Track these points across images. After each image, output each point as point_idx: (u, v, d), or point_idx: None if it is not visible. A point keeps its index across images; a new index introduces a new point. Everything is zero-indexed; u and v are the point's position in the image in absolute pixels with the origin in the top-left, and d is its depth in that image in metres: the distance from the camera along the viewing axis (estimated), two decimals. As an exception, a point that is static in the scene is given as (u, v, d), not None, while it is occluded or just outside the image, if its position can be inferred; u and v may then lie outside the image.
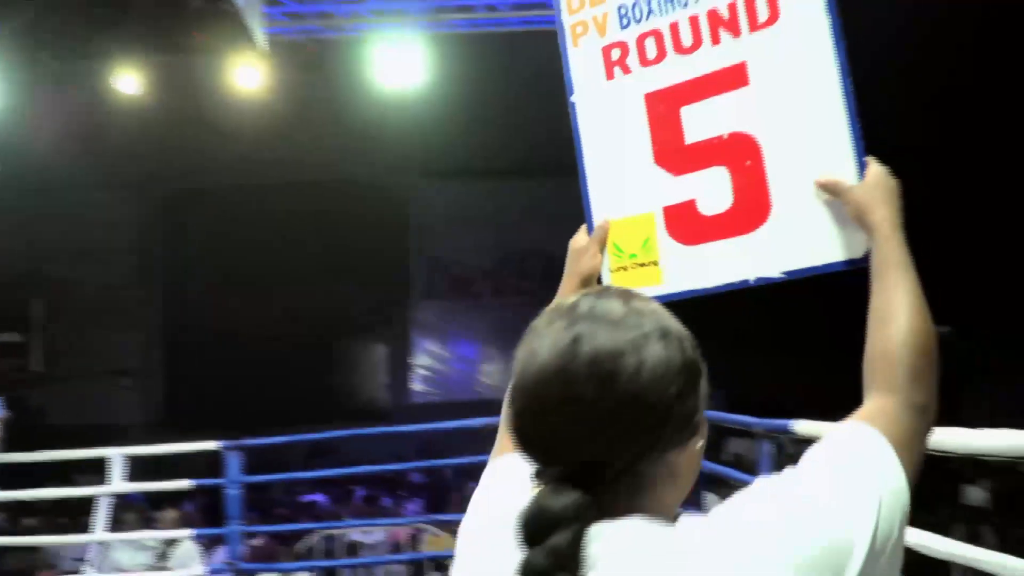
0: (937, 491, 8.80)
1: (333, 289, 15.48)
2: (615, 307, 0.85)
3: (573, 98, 1.41)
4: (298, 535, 7.70)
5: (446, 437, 9.43)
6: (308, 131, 12.77)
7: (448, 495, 10.40)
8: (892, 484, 0.83)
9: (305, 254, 14.98)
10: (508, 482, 0.98)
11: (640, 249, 1.33)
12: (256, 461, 6.98)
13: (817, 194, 1.17)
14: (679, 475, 0.84)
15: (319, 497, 10.87)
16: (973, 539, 6.88)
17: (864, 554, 0.77)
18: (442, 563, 7.57)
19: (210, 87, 9.80)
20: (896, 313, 0.94)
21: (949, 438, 1.96)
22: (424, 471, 12.05)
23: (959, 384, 11.33)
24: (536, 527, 0.76)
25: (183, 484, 5.38)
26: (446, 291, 16.92)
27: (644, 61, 1.34)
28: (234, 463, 5.31)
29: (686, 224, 1.30)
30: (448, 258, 16.79)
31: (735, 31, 1.26)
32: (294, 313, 14.98)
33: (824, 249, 1.17)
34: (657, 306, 0.87)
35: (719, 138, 1.27)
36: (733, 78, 1.26)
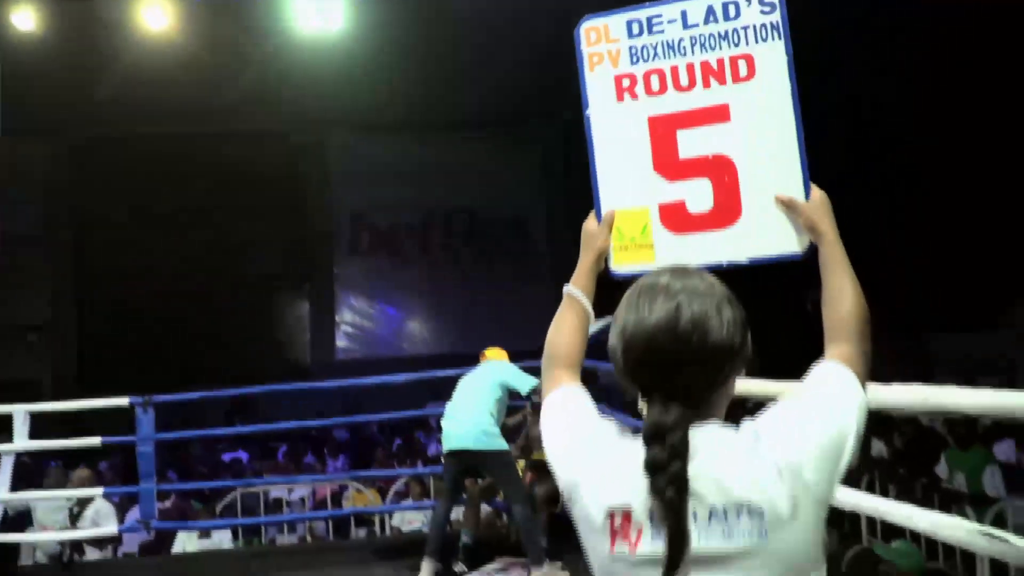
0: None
1: (252, 244, 15.18)
2: (697, 283, 1.24)
3: (588, 112, 1.82)
4: (220, 493, 7.62)
5: (371, 394, 9.46)
6: (223, 78, 12.08)
7: (372, 452, 10.42)
8: (861, 400, 1.27)
9: (222, 207, 14.60)
10: (577, 407, 1.38)
11: (639, 235, 1.75)
12: (175, 419, 6.88)
13: (775, 205, 1.67)
14: (730, 395, 1.27)
15: (241, 455, 10.77)
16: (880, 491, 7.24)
17: (853, 443, 1.21)
18: (365, 519, 7.63)
19: (118, 27, 9.34)
20: (845, 294, 1.40)
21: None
22: (348, 428, 12.03)
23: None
24: (655, 432, 1.15)
25: (92, 442, 5.25)
26: (371, 247, 16.75)
27: (649, 91, 1.80)
28: (146, 420, 5.20)
29: (676, 218, 1.75)
30: (372, 213, 16.60)
31: (722, 80, 1.76)
32: (211, 268, 14.63)
33: (777, 244, 1.67)
34: (718, 280, 1.28)
35: (705, 157, 1.74)
36: (718, 114, 1.75)
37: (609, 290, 1.61)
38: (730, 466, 1.16)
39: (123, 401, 5.24)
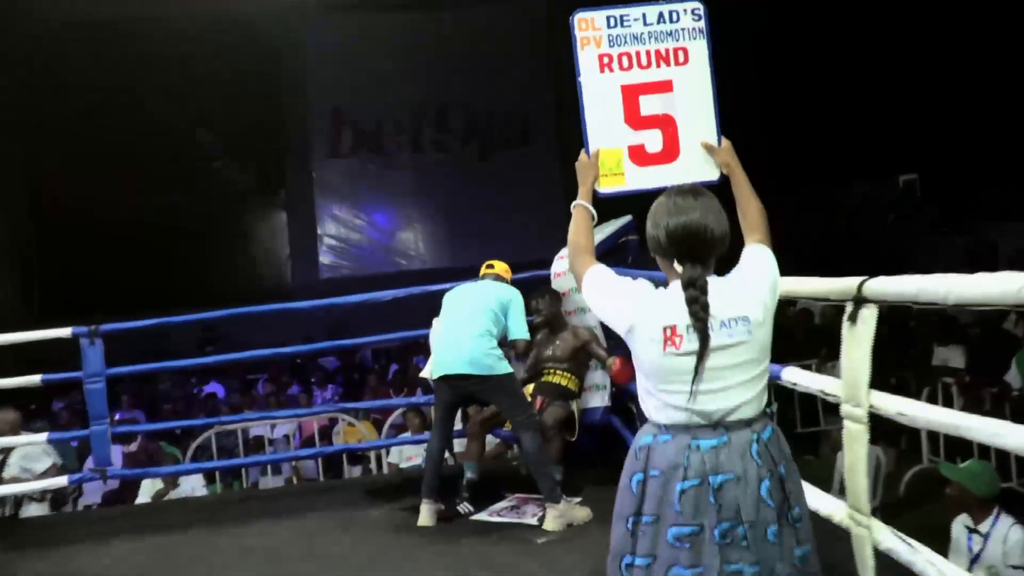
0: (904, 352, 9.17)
1: (218, 149, 14.98)
2: (707, 199, 2.31)
3: (580, 79, 3.06)
4: (191, 433, 7.63)
5: (361, 315, 9.40)
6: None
7: (365, 380, 10.45)
8: (773, 259, 2.39)
9: (183, 108, 14.32)
10: (615, 276, 2.43)
11: (615, 166, 3.00)
12: (138, 352, 6.81)
13: (700, 149, 2.97)
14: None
15: (215, 388, 10.82)
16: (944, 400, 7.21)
17: (777, 291, 2.34)
18: (359, 456, 7.66)
19: None
20: (751, 204, 2.57)
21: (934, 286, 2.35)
22: (337, 354, 12.05)
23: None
24: (690, 281, 2.22)
25: (31, 380, 5.13)
26: (354, 148, 16.54)
27: (621, 67, 3.06)
28: (92, 354, 5.08)
29: (639, 156, 3.02)
30: (354, 109, 16.32)
31: (668, 63, 3.05)
32: (175, 179, 14.45)
33: (702, 173, 2.91)
34: (714, 196, 2.34)
35: (657, 115, 3.02)
36: (666, 87, 3.04)
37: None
38: (728, 296, 2.27)
39: (65, 332, 5.12)
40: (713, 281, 2.26)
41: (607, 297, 2.38)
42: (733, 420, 2.22)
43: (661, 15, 3.06)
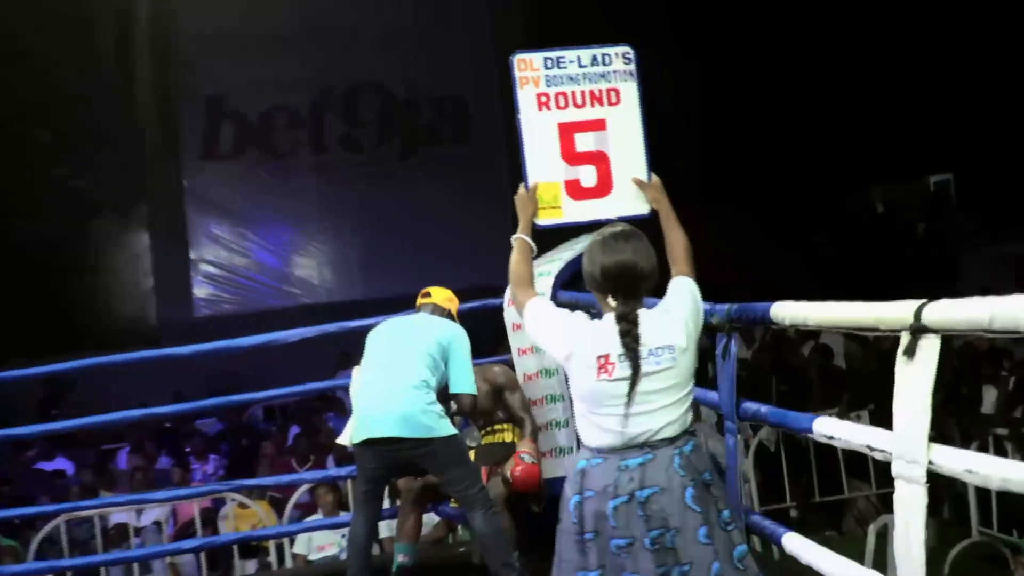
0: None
1: (57, 152, 14.85)
2: (638, 240, 3.27)
3: (520, 116, 4.05)
4: (33, 523, 7.54)
5: (251, 363, 9.37)
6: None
7: (257, 447, 10.40)
8: (697, 289, 3.43)
9: (9, 101, 14.17)
10: (555, 308, 3.47)
11: (552, 199, 3.96)
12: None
13: (632, 184, 4.01)
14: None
15: (63, 464, 10.70)
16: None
17: (700, 318, 3.39)
18: (254, 546, 7.63)
19: None
20: (677, 238, 3.61)
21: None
22: (221, 415, 11.96)
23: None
24: (623, 315, 3.16)
25: None
26: (236, 147, 16.51)
27: (558, 107, 4.07)
28: None
29: (574, 190, 4.01)
30: (237, 96, 16.30)
31: (601, 103, 4.10)
32: (3, 193, 14.28)
33: (633, 208, 3.97)
34: (644, 235, 3.33)
35: (591, 151, 4.06)
36: (599, 125, 4.08)
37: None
38: (656, 327, 3.15)
39: None
40: (643, 313, 3.18)
41: (547, 327, 3.36)
42: (658, 440, 3.13)
43: (595, 58, 4.11)
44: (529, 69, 4.08)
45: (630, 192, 3.99)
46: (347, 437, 4.92)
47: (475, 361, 5.08)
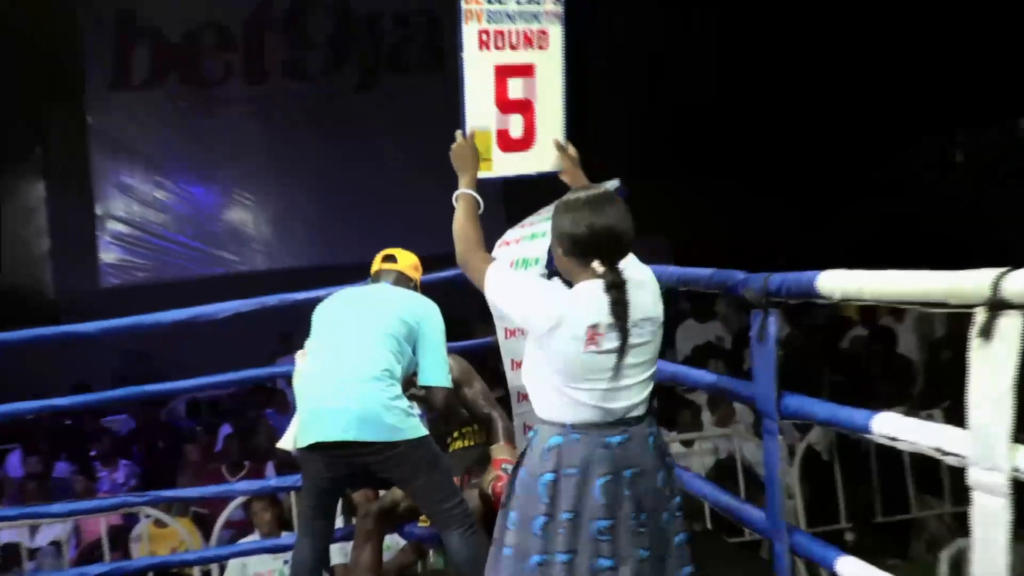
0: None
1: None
2: (620, 200, 3.71)
3: (463, 54, 4.35)
4: None
5: (169, 345, 9.32)
6: None
7: (178, 450, 10.40)
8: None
9: None
10: (518, 272, 4.78)
11: (484, 151, 4.40)
12: None
13: (550, 140, 4.62)
14: None
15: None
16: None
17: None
18: (174, 574, 7.60)
19: None
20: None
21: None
22: (134, 410, 11.96)
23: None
24: (614, 283, 3.52)
25: None
26: (154, 75, 16.49)
27: (497, 47, 4.47)
28: None
29: (504, 141, 4.53)
30: (153, 13, 16.25)
31: (532, 46, 4.59)
32: None
33: (554, 164, 4.61)
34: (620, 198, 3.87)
35: (520, 99, 4.56)
36: (528, 71, 4.58)
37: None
38: (639, 298, 3.52)
39: None
40: (626, 270, 3.52)
41: (524, 295, 3.63)
42: (632, 416, 3.54)
43: None
44: (475, 2, 4.38)
45: (549, 147, 4.52)
46: (290, 440, 4.90)
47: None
